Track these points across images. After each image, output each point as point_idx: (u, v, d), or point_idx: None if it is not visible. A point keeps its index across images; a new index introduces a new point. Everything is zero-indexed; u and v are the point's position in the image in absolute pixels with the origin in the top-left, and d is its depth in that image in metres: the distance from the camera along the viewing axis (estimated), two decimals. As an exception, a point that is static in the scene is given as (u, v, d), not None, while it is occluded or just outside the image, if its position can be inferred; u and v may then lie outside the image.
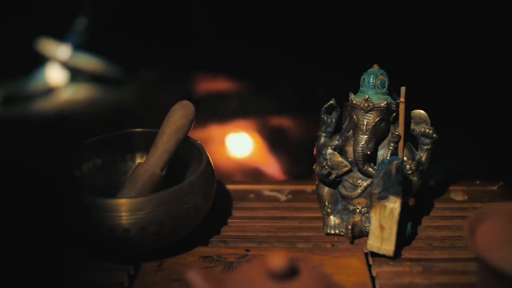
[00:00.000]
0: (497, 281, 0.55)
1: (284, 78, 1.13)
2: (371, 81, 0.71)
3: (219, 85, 1.16)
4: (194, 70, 1.14)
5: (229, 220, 0.78)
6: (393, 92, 0.72)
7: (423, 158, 0.72)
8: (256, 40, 1.10)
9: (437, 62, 1.03)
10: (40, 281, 0.65)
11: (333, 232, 0.73)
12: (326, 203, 0.74)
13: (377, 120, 0.70)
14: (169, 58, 1.11)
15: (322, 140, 0.77)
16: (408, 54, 1.03)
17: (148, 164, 0.71)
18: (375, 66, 0.72)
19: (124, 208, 0.64)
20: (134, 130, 0.80)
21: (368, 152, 0.70)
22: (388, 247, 0.67)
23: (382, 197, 0.66)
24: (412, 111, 0.73)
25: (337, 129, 0.77)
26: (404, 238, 0.70)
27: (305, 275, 0.47)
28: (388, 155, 0.71)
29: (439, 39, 1.03)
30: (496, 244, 0.58)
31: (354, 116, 0.70)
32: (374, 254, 0.68)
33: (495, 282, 0.56)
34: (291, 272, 0.46)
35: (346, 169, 0.72)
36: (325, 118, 0.77)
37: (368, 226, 0.70)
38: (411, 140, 0.73)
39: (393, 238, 0.66)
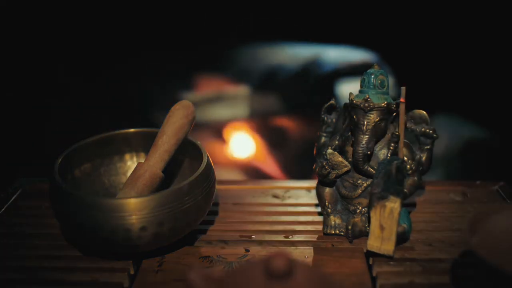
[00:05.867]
0: (497, 280, 0.55)
1: (284, 78, 1.13)
2: (371, 81, 0.71)
3: (219, 85, 1.16)
4: (195, 70, 1.14)
5: (229, 220, 0.78)
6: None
7: (423, 158, 0.72)
8: (255, 40, 1.10)
9: (437, 62, 1.03)
10: (40, 281, 0.65)
11: (333, 232, 0.73)
12: (326, 203, 0.74)
13: (377, 120, 0.70)
14: (170, 57, 1.11)
15: (322, 140, 0.77)
16: (408, 54, 1.03)
17: (148, 164, 0.71)
18: (375, 66, 0.72)
19: (124, 208, 0.64)
20: (133, 130, 0.80)
21: (368, 152, 0.70)
22: (388, 247, 0.67)
23: (382, 197, 0.66)
24: (412, 111, 0.73)
25: (337, 129, 0.77)
26: (404, 238, 0.70)
27: (305, 275, 0.47)
28: (388, 155, 0.71)
29: (439, 39, 1.03)
30: (496, 244, 0.58)
31: (354, 116, 0.70)
32: (374, 254, 0.68)
33: (494, 282, 0.56)
34: (291, 272, 0.46)
35: (346, 169, 0.72)
36: (325, 118, 0.77)
37: (368, 226, 0.70)
38: (411, 140, 0.73)
39: (393, 238, 0.66)
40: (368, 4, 1.03)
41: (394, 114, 0.71)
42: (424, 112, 0.73)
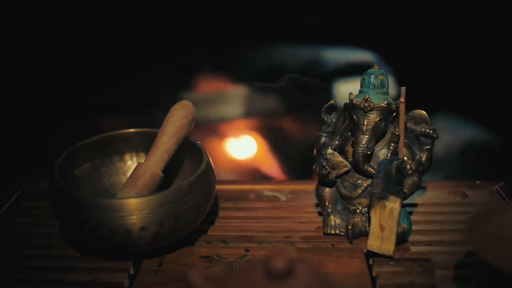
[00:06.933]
0: (497, 280, 0.55)
1: (284, 77, 1.12)
2: (371, 81, 0.71)
3: (219, 85, 1.16)
4: (195, 70, 1.14)
5: (229, 220, 0.78)
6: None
7: (423, 158, 0.72)
8: (255, 40, 1.10)
9: (437, 62, 1.03)
10: (40, 281, 0.65)
11: (333, 232, 0.73)
12: (326, 203, 0.74)
13: (377, 120, 0.70)
14: (170, 57, 1.11)
15: (322, 140, 0.77)
16: (408, 54, 1.03)
17: (148, 164, 0.71)
18: (375, 66, 0.72)
19: (124, 208, 0.64)
20: (133, 130, 0.80)
21: (368, 152, 0.70)
22: (388, 247, 0.67)
23: (382, 197, 0.66)
24: (412, 111, 0.73)
25: (337, 129, 0.77)
26: (403, 238, 0.70)
27: (305, 275, 0.47)
28: (388, 155, 0.71)
29: (439, 39, 1.03)
30: (495, 244, 0.58)
31: (354, 116, 0.70)
32: (374, 254, 0.68)
33: (494, 282, 0.56)
34: (291, 272, 0.46)
35: (346, 169, 0.72)
36: (325, 118, 0.77)
37: (368, 226, 0.70)
38: (411, 140, 0.73)
39: (393, 238, 0.66)
40: (368, 4, 1.03)
41: (394, 114, 0.71)
42: (424, 112, 0.73)
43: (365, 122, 0.70)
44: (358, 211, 0.72)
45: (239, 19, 1.09)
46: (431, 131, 0.72)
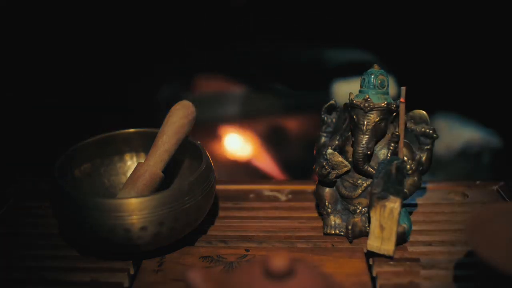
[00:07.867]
0: (497, 280, 0.55)
1: (284, 78, 1.12)
2: (371, 81, 0.71)
3: (219, 85, 1.16)
4: (194, 70, 1.14)
5: (229, 220, 0.78)
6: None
7: (423, 158, 0.72)
8: (255, 40, 1.10)
9: (437, 62, 1.03)
10: (40, 281, 0.65)
11: (333, 232, 0.73)
12: (326, 203, 0.74)
13: (377, 120, 0.70)
14: (170, 57, 1.11)
15: (322, 140, 0.77)
16: (408, 54, 1.03)
17: (148, 164, 0.71)
18: (375, 66, 0.72)
19: (124, 208, 0.64)
20: (133, 130, 0.80)
21: (368, 152, 0.70)
22: (388, 247, 0.67)
23: (382, 197, 0.66)
24: (412, 111, 0.73)
25: (337, 129, 0.77)
26: (404, 238, 0.70)
27: (305, 275, 0.47)
28: (388, 155, 0.71)
29: (439, 39, 1.03)
30: (496, 244, 0.58)
31: (354, 116, 0.70)
32: (374, 254, 0.68)
33: (494, 282, 0.56)
34: (291, 272, 0.46)
35: (346, 169, 0.72)
36: (325, 118, 0.77)
37: (368, 226, 0.70)
38: (411, 140, 0.73)
39: (393, 238, 0.66)
40: (368, 4, 1.03)
41: (394, 114, 0.71)
42: (424, 112, 0.73)
43: (365, 122, 0.70)
44: (358, 211, 0.72)
45: (239, 19, 1.09)
46: (431, 131, 0.72)
